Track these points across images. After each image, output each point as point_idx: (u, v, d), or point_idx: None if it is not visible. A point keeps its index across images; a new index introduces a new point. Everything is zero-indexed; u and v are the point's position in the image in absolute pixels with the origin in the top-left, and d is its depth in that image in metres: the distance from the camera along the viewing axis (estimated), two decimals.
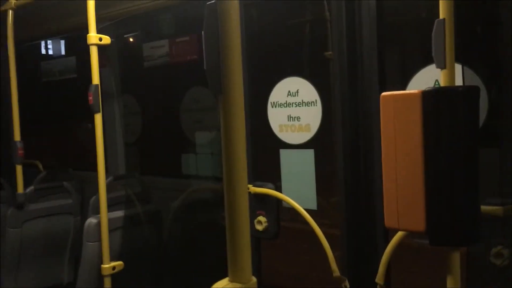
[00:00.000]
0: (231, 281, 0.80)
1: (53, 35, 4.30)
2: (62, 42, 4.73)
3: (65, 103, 4.82)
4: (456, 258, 1.25)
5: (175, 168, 3.62)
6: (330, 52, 2.33)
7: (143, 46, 3.66)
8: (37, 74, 4.66)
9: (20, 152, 3.12)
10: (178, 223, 3.05)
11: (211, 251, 2.99)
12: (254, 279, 0.84)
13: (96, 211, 2.89)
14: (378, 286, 1.87)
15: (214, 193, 3.34)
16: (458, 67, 1.64)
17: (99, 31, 2.61)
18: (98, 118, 2.59)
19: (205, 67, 0.79)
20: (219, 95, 0.80)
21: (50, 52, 4.84)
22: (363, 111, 2.06)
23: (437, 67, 1.28)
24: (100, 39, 2.59)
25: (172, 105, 3.62)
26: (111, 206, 2.73)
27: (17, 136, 3.14)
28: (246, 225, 0.80)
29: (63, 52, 4.72)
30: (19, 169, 3.16)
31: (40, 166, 4.17)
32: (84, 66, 4.17)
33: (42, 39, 4.71)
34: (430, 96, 1.19)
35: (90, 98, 2.53)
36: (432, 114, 1.17)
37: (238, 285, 0.78)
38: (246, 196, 0.84)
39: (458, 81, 1.60)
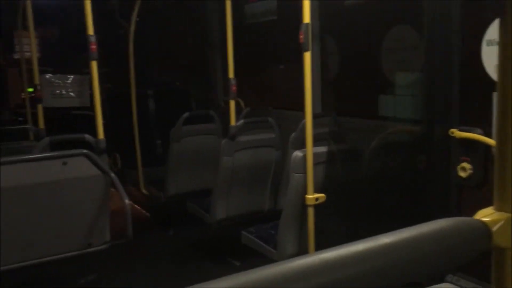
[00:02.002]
0: (497, 210, 0.80)
1: None
2: None
3: (263, 44, 5.07)
4: None
5: (371, 109, 3.59)
6: None
7: None
8: (240, 17, 4.94)
9: (233, 88, 3.37)
10: (375, 163, 3.06)
11: (406, 193, 2.96)
12: None
13: (295, 146, 3.04)
14: None
15: (412, 136, 3.25)
16: None
17: None
18: (307, 56, 2.63)
19: None
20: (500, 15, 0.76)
21: None
22: None
23: None
24: None
25: (372, 44, 3.55)
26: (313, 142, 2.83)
27: (231, 74, 3.38)
28: None
29: None
30: (232, 103, 3.41)
31: (242, 104, 4.50)
32: (283, 8, 4.31)
33: None
34: None
35: (301, 36, 2.57)
36: None
37: (506, 214, 0.78)
38: None
39: None
